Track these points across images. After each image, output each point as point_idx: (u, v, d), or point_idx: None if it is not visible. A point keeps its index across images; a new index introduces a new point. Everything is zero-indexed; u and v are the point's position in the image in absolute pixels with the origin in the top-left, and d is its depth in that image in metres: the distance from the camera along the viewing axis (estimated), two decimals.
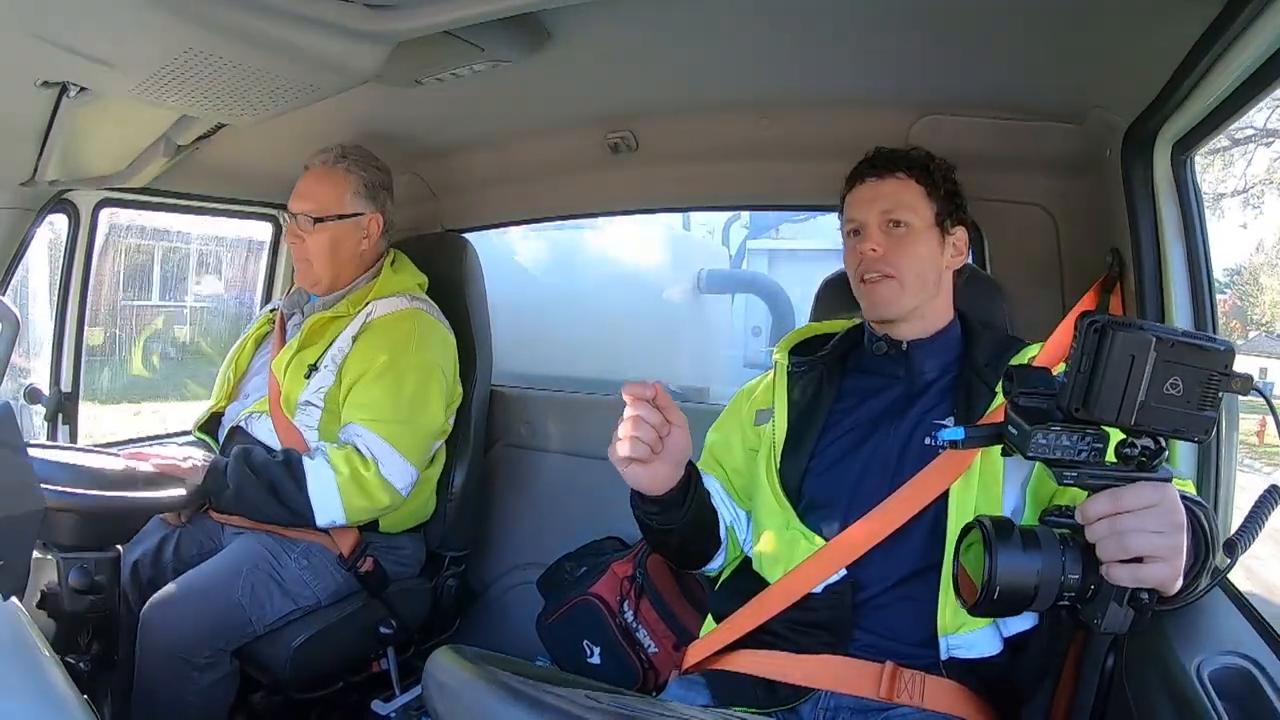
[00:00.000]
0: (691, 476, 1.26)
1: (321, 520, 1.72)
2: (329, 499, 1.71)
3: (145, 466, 1.59)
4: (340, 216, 1.89)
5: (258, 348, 2.02)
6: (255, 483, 1.68)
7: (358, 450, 1.75)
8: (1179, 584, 0.88)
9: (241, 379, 1.98)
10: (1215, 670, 0.91)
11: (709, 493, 1.37)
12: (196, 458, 1.69)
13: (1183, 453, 1.30)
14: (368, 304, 1.89)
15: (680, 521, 1.27)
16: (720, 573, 1.45)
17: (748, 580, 1.40)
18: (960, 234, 1.41)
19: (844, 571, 1.26)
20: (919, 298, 1.36)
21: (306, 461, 1.72)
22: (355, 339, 1.85)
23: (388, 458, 1.76)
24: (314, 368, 1.83)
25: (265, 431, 1.83)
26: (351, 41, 1.15)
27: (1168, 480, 0.87)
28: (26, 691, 0.87)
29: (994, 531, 0.90)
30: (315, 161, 1.94)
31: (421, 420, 1.85)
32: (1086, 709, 1.05)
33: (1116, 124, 1.36)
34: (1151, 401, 0.83)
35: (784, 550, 1.31)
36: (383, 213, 1.96)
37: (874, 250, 1.34)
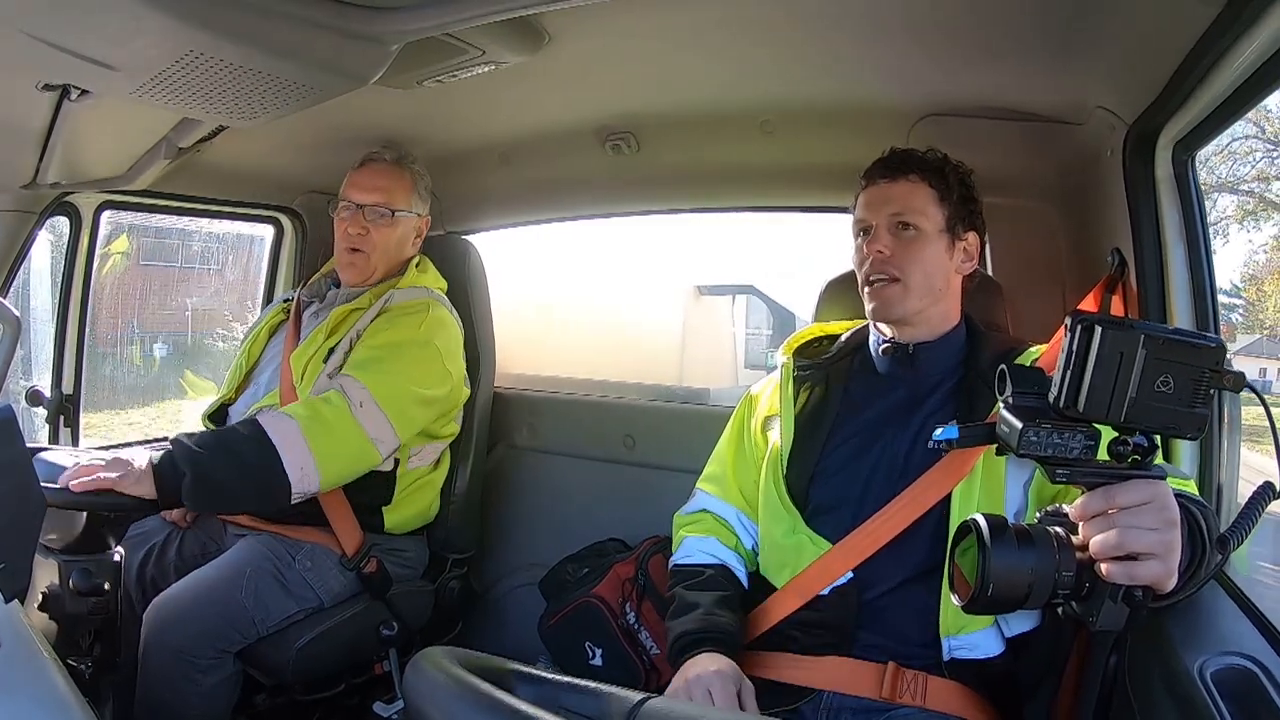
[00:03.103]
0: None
1: (293, 474, 1.57)
2: (296, 447, 1.58)
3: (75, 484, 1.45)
4: (410, 213, 1.94)
5: (270, 338, 2.00)
6: (213, 458, 1.53)
7: (324, 396, 1.67)
8: (1174, 581, 0.88)
9: (253, 369, 1.97)
10: (1218, 670, 0.91)
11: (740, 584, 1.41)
12: (139, 461, 1.50)
13: (1184, 453, 1.30)
14: (387, 293, 1.90)
15: None
16: None
17: (753, 583, 1.40)
18: (972, 240, 1.39)
19: (850, 574, 1.26)
20: (923, 302, 1.35)
21: (261, 417, 1.62)
22: (371, 321, 1.85)
23: (366, 403, 1.67)
24: (332, 350, 1.82)
25: None
26: (353, 44, 1.16)
27: (1161, 478, 0.87)
28: (28, 693, 0.88)
29: (988, 529, 0.90)
30: (383, 156, 1.95)
31: (412, 389, 1.77)
32: (1089, 710, 1.04)
33: (1118, 124, 1.35)
34: (1142, 399, 0.83)
35: (791, 555, 1.31)
36: (429, 216, 2.02)
37: (881, 252, 1.34)
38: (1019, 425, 0.89)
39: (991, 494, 1.21)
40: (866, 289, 1.37)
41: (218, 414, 1.95)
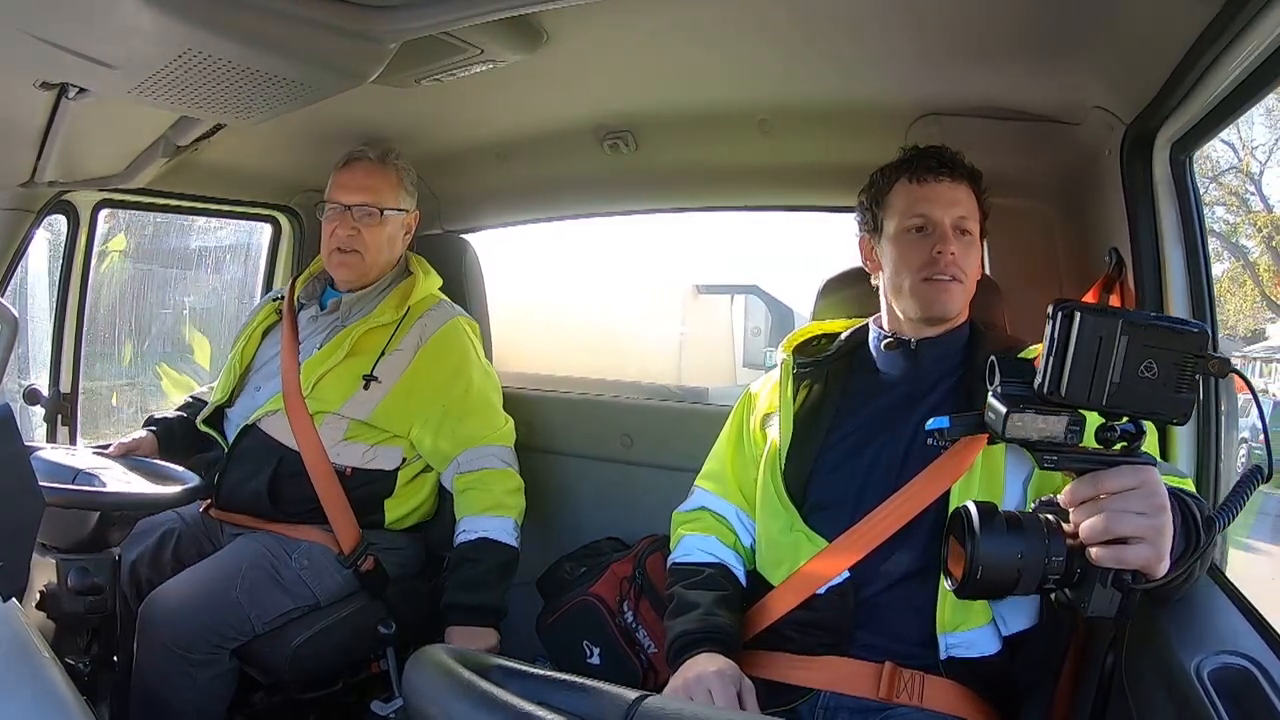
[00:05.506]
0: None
1: (515, 543, 1.85)
2: (511, 532, 1.85)
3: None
4: (398, 210, 1.93)
5: (264, 339, 1.97)
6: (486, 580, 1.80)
7: (490, 469, 1.87)
8: (1164, 566, 0.89)
9: (247, 372, 1.94)
10: (1215, 669, 0.92)
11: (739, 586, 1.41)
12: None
13: (1182, 449, 1.30)
14: (417, 312, 1.91)
15: None
16: None
17: (750, 581, 1.40)
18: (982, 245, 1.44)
19: (847, 574, 1.26)
20: (967, 301, 1.39)
21: (482, 532, 1.82)
22: (415, 356, 1.86)
23: (505, 455, 1.91)
24: (371, 378, 1.83)
25: (282, 430, 1.81)
26: (350, 43, 1.15)
27: (1150, 463, 0.89)
28: (26, 692, 0.88)
29: (977, 516, 0.93)
30: (366, 154, 1.93)
31: (499, 419, 1.96)
32: (1086, 708, 1.04)
33: (1115, 124, 1.36)
34: (1126, 384, 0.85)
35: (788, 552, 1.31)
36: (417, 212, 2.01)
37: (954, 253, 1.33)
38: (1004, 410, 0.91)
39: (990, 491, 1.21)
40: (924, 285, 1.34)
41: (213, 418, 1.93)
